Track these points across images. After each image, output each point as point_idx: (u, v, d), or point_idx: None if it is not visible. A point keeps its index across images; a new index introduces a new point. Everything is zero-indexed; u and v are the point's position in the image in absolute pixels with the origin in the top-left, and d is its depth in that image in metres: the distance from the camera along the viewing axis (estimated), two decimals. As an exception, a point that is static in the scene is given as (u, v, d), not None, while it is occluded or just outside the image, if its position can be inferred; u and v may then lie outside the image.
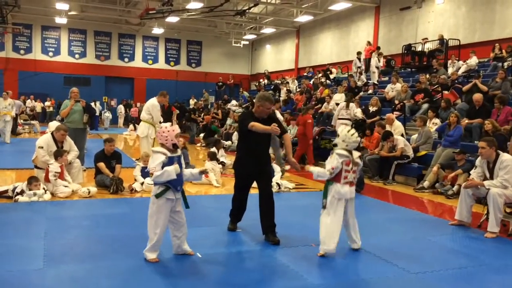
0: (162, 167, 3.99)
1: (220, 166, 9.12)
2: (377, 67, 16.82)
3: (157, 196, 4.06)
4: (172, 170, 3.98)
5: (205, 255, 4.41)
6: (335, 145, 4.65)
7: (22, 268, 3.89)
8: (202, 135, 16.67)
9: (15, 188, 6.54)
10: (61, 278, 3.75)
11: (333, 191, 4.51)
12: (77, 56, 27.47)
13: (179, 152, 4.24)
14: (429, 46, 16.19)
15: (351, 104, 12.38)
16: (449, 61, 15.03)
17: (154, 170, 3.99)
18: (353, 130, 4.60)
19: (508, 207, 5.73)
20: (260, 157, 5.06)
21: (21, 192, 6.44)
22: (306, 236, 5.24)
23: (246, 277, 3.98)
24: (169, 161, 4.05)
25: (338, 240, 4.47)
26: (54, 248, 4.43)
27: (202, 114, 19.72)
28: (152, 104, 9.25)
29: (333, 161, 4.49)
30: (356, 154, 4.57)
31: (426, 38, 16.41)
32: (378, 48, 18.14)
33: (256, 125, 4.81)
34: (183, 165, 4.29)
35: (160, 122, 9.58)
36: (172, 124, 4.29)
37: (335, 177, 4.51)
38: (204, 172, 4.64)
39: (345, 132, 4.52)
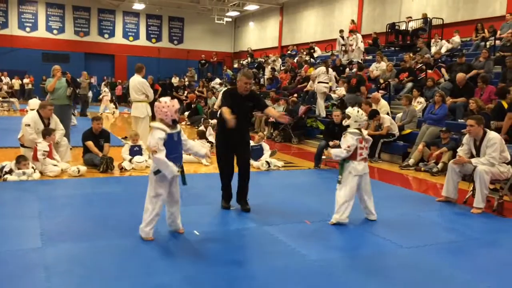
0: (164, 144, 3.96)
1: (209, 144, 9.12)
2: (359, 47, 16.96)
3: (156, 173, 4.02)
4: (172, 168, 3.96)
5: (202, 233, 4.46)
6: (348, 126, 4.98)
7: (20, 247, 3.87)
8: (186, 113, 16.57)
9: (3, 167, 6.45)
10: (61, 256, 3.75)
11: (350, 168, 4.86)
12: (55, 31, 26.74)
13: (178, 127, 4.17)
14: (412, 25, 16.30)
15: (330, 70, 12.95)
16: (432, 40, 15.19)
17: (156, 148, 3.91)
18: (360, 110, 4.98)
19: (491, 184, 5.92)
20: (239, 129, 5.14)
21: (10, 171, 6.35)
22: (299, 213, 5.34)
23: (245, 254, 4.05)
24: (169, 138, 4.00)
25: (350, 211, 4.87)
26: (50, 227, 4.41)
27: (186, 92, 19.54)
28: (143, 82, 9.07)
29: (348, 140, 4.82)
30: (364, 132, 4.96)
31: (410, 17, 16.50)
32: (352, 31, 17.89)
33: (224, 112, 5.10)
34: (183, 140, 4.26)
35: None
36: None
37: (351, 155, 4.85)
38: (208, 155, 4.65)
39: (355, 113, 4.88)
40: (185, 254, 3.96)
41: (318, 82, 12.59)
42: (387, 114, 10.13)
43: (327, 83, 12.62)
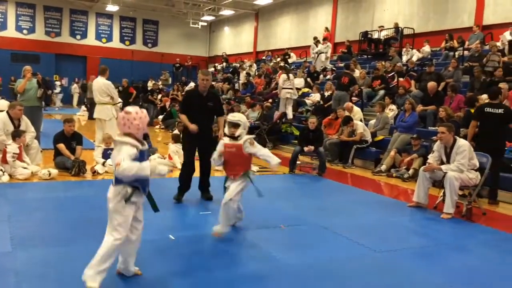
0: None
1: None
2: (327, 58, 17.39)
3: (127, 200, 3.18)
4: (147, 167, 3.11)
5: (178, 238, 4.43)
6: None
7: (-10, 252, 3.76)
8: (160, 117, 16.43)
9: (-30, 169, 6.25)
10: (33, 261, 3.66)
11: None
12: (25, 31, 26.07)
13: (146, 145, 3.30)
14: (385, 34, 16.66)
15: (291, 76, 13.42)
16: (404, 49, 15.56)
17: (119, 161, 3.02)
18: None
19: (461, 190, 6.10)
20: (203, 131, 5.68)
21: (-23, 174, 6.16)
22: (274, 217, 5.37)
23: (220, 259, 4.04)
24: (140, 156, 3.13)
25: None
26: (20, 231, 4.30)
27: (160, 96, 19.37)
28: (109, 84, 8.86)
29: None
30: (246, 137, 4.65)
31: (382, 26, 16.86)
32: (325, 39, 18.37)
33: (182, 119, 5.78)
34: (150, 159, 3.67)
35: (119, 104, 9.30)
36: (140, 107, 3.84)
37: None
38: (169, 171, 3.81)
39: (244, 119, 4.75)
40: (160, 259, 3.91)
41: (282, 89, 12.95)
42: (360, 120, 10.30)
43: (291, 88, 13.00)
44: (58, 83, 24.70)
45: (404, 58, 14.78)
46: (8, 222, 4.56)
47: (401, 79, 12.36)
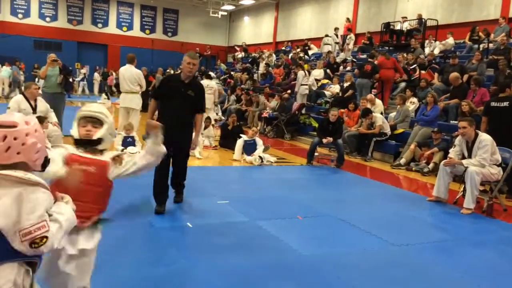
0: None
1: (203, 138, 9.10)
2: (349, 49, 17.38)
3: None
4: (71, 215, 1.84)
5: (195, 226, 4.47)
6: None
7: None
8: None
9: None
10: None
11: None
12: (48, 19, 26.41)
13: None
14: (407, 25, 16.38)
15: (312, 72, 14.25)
16: (426, 41, 15.29)
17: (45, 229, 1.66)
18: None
19: (482, 185, 6.01)
20: (178, 123, 4.61)
21: None
22: (291, 209, 5.37)
23: (237, 248, 4.05)
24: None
25: None
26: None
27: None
28: (140, 73, 8.95)
29: None
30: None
31: (406, 17, 16.57)
32: (350, 29, 18.33)
33: (150, 106, 4.97)
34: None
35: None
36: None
37: None
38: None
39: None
40: (178, 246, 3.96)
41: (301, 85, 13.24)
42: (381, 113, 10.20)
43: (307, 85, 13.40)
44: (83, 71, 24.99)
45: (427, 50, 14.53)
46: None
47: (423, 71, 12.15)
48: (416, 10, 16.69)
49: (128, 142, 7.83)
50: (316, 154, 8.84)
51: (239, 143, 8.57)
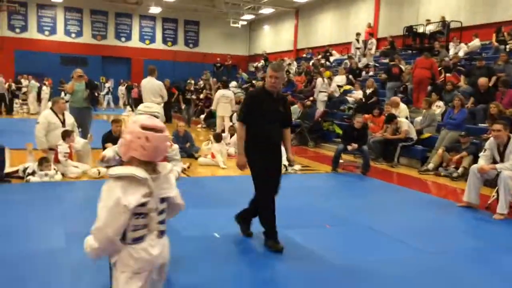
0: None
1: (227, 148, 9.14)
2: (371, 54, 17.33)
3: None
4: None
5: (223, 236, 4.46)
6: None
7: (46, 247, 3.94)
8: (202, 116, 16.64)
9: (25, 168, 6.55)
10: (86, 256, 3.78)
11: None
12: (73, 35, 27.08)
13: None
14: (430, 28, 16.15)
15: (334, 78, 14.49)
16: (451, 43, 15.04)
17: None
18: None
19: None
20: (272, 143, 4.19)
21: (33, 173, 6.45)
22: (318, 217, 5.32)
23: (265, 258, 4.03)
24: None
25: None
26: (73, 228, 4.45)
27: (201, 95, 19.61)
28: (162, 84, 9.09)
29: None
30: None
31: (429, 20, 16.35)
32: (371, 34, 18.22)
33: (238, 133, 4.33)
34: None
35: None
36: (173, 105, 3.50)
37: None
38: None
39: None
40: (206, 257, 3.96)
41: (320, 92, 13.35)
42: (406, 118, 10.04)
43: (326, 92, 13.53)
44: (107, 84, 25.49)
45: (451, 52, 14.28)
46: (61, 218, 4.75)
47: (448, 74, 11.94)
48: (439, 12, 16.45)
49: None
50: (341, 161, 8.76)
51: None
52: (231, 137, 9.16)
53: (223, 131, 10.74)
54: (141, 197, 2.00)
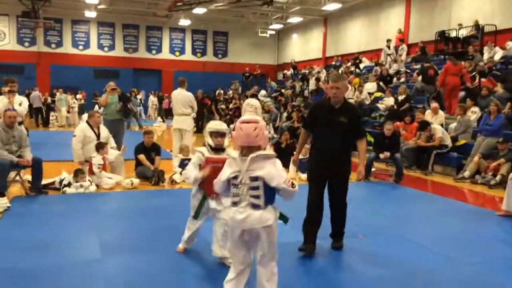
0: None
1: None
2: (402, 60, 17.14)
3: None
4: None
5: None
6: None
7: (81, 258, 4.00)
8: (232, 126, 16.73)
9: (61, 180, 6.72)
10: (120, 268, 3.85)
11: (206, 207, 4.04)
12: (106, 49, 27.85)
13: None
14: (463, 32, 15.79)
15: (364, 85, 14.95)
16: (485, 47, 14.64)
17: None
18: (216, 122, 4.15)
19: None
20: (332, 155, 4.22)
21: (68, 184, 6.61)
22: (351, 227, 5.20)
23: (298, 268, 3.98)
24: None
25: None
26: (108, 239, 4.54)
27: (231, 105, 19.77)
28: (191, 96, 9.20)
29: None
30: (231, 151, 3.43)
31: (461, 24, 15.98)
32: (402, 40, 18.00)
33: (300, 138, 4.58)
34: None
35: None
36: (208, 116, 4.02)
37: (204, 186, 3.86)
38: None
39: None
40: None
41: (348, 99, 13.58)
42: (441, 125, 9.81)
43: (353, 99, 14.05)
44: (139, 96, 25.98)
45: (486, 57, 13.89)
46: (96, 230, 4.84)
47: (483, 79, 11.61)
48: (472, 16, 16.05)
49: (185, 164, 7.95)
50: (373, 169, 8.61)
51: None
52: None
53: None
54: (231, 172, 2.80)
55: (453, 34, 16.03)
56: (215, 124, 3.90)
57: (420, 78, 13.16)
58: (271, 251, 2.85)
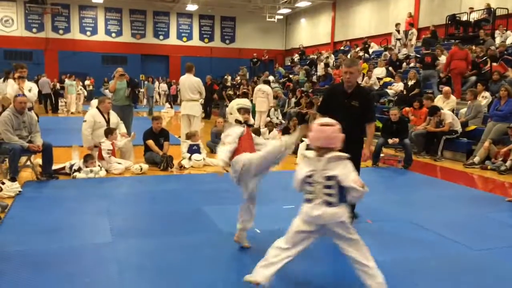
0: None
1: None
2: (411, 45, 16.93)
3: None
4: None
5: (264, 231, 4.46)
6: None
7: (92, 241, 4.06)
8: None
9: (72, 165, 6.79)
10: (131, 251, 3.90)
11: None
12: (113, 35, 27.81)
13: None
14: (474, 16, 15.54)
15: (373, 71, 14.82)
16: (497, 31, 14.41)
17: None
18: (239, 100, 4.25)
19: None
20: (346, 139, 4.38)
21: (78, 169, 6.68)
22: (360, 212, 5.21)
23: (308, 254, 3.99)
24: None
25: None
26: (118, 223, 4.59)
27: (238, 91, 19.68)
28: (199, 81, 9.17)
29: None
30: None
31: (472, 8, 15.73)
32: (412, 24, 17.77)
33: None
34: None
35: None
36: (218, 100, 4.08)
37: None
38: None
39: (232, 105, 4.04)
40: (249, 252, 3.98)
41: None
42: (452, 110, 9.72)
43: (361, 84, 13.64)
44: (146, 82, 25.97)
45: (498, 41, 13.68)
46: (107, 214, 4.89)
47: (494, 63, 11.46)
48: (483, 0, 15.78)
49: (193, 149, 8.02)
50: (381, 155, 8.58)
51: (302, 146, 8.48)
52: (269, 132, 9.13)
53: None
54: (307, 171, 2.96)
55: (464, 17, 15.81)
56: (243, 101, 4.11)
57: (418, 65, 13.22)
58: (349, 242, 3.11)
